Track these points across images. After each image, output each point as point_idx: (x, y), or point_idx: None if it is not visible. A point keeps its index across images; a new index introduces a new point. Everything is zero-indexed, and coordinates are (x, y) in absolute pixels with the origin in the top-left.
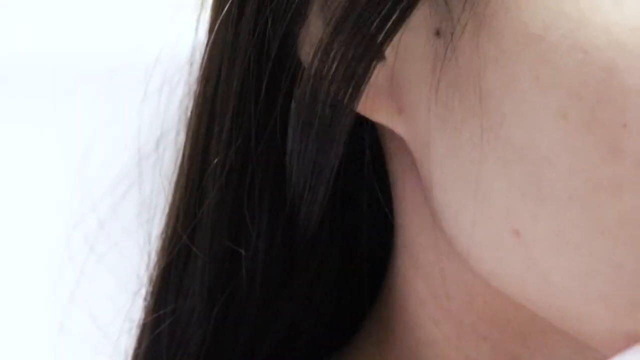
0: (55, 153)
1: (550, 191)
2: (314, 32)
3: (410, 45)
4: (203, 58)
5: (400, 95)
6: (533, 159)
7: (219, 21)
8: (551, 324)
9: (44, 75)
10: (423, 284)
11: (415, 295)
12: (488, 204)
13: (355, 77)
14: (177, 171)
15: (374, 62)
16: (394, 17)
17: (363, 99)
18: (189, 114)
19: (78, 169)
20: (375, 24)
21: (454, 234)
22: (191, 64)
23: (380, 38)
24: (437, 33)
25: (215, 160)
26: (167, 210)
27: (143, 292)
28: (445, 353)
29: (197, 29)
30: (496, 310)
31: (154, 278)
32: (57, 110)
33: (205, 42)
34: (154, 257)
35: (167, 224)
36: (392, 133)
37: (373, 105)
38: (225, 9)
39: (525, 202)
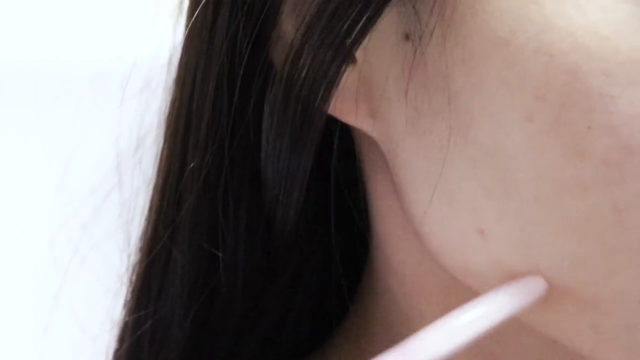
0: (39, 158)
1: (516, 191)
2: (285, 35)
3: (380, 49)
4: (179, 63)
5: (371, 98)
6: (500, 160)
7: (192, 25)
8: (523, 321)
9: (26, 81)
10: (396, 282)
11: (389, 293)
12: (455, 203)
13: (326, 80)
14: (155, 174)
15: (344, 65)
16: (362, 21)
17: (334, 101)
18: (167, 116)
19: (61, 173)
20: (344, 28)
21: (424, 233)
22: (168, 69)
23: (349, 42)
24: (407, 37)
25: (192, 164)
26: (146, 212)
27: (124, 292)
28: None
29: (174, 33)
30: None
31: (134, 279)
32: (40, 116)
33: (181, 46)
34: (133, 259)
35: (147, 226)
36: (364, 135)
37: (344, 107)
38: (199, 13)
39: (491, 201)
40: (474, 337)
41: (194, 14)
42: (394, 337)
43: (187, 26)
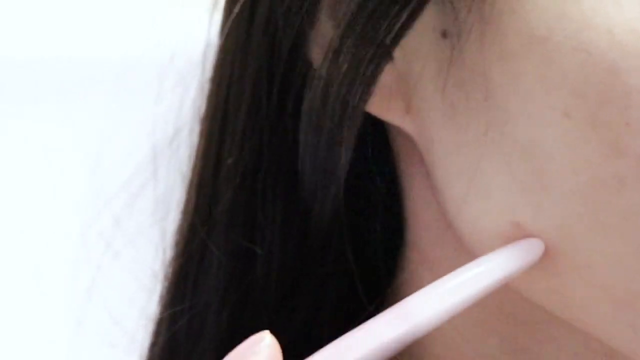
0: (71, 151)
1: (552, 187)
2: (323, 33)
3: (417, 46)
4: (216, 58)
5: (407, 94)
6: (536, 156)
7: (230, 22)
8: (557, 316)
9: (60, 75)
10: (431, 278)
11: None
12: (491, 198)
13: (364, 78)
14: (191, 170)
15: (383, 63)
16: (402, 20)
17: (372, 98)
18: (202, 113)
19: (93, 167)
20: (383, 27)
21: (459, 228)
22: (204, 63)
23: (388, 40)
24: (444, 34)
25: (229, 160)
26: (182, 208)
27: (159, 288)
28: (454, 347)
29: (209, 28)
30: (504, 303)
31: (170, 274)
32: (73, 109)
33: (218, 42)
34: (169, 254)
35: (183, 222)
36: (401, 131)
37: (382, 104)
38: (237, 10)
39: (527, 197)
40: (471, 297)
41: (230, 9)
42: (431, 332)
43: (223, 22)
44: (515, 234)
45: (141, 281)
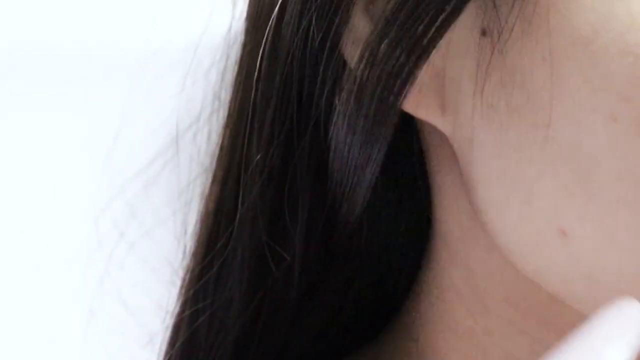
0: (85, 138)
1: (598, 192)
2: (358, 31)
3: (455, 44)
4: (241, 51)
5: (443, 92)
6: (581, 160)
7: (258, 14)
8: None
9: (75, 61)
10: (461, 277)
11: (453, 288)
12: (534, 202)
13: (401, 78)
14: (215, 164)
15: (421, 63)
16: (441, 18)
17: (408, 96)
18: (227, 105)
19: (109, 156)
20: (422, 26)
21: (496, 231)
22: (227, 53)
23: (426, 40)
24: (484, 32)
25: (258, 156)
26: (205, 201)
27: (175, 280)
28: (483, 346)
29: (232, 15)
30: (535, 304)
31: (191, 269)
32: (87, 96)
33: (243, 33)
34: (190, 248)
35: (206, 216)
36: (433, 129)
37: (417, 102)
38: (266, 2)
39: (572, 202)
40: None
41: (258, 3)
42: (457, 330)
43: (251, 13)
44: (560, 240)
45: (157, 272)
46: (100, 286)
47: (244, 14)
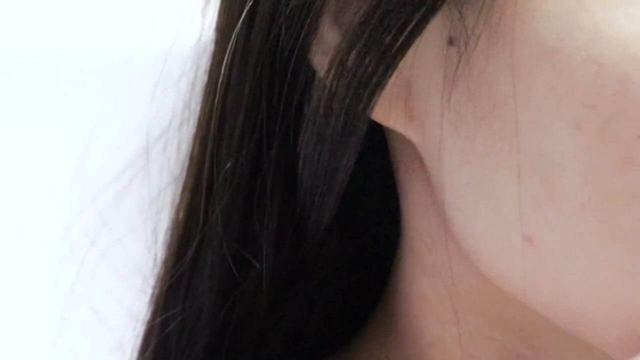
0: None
1: (564, 199)
2: (327, 41)
3: (423, 53)
4: (211, 59)
5: (413, 101)
6: (546, 168)
7: (227, 22)
8: (558, 325)
9: (46, 70)
10: (429, 284)
11: (421, 295)
12: (501, 209)
13: (370, 85)
14: (185, 172)
15: (390, 72)
16: (409, 27)
17: (376, 105)
18: (194, 112)
19: (80, 165)
20: (391, 34)
21: (464, 238)
22: (197, 61)
23: (395, 49)
24: (451, 41)
25: (227, 165)
26: (175, 209)
27: (145, 287)
28: (451, 353)
29: (201, 25)
30: (502, 311)
31: (162, 276)
32: (59, 104)
33: (213, 43)
34: (161, 256)
35: (176, 224)
36: (401, 137)
37: (385, 111)
38: (235, 10)
39: (538, 209)
40: None
41: (228, 11)
42: (425, 338)
43: (220, 21)
44: (527, 248)
45: (128, 280)
46: (71, 293)
47: (214, 25)
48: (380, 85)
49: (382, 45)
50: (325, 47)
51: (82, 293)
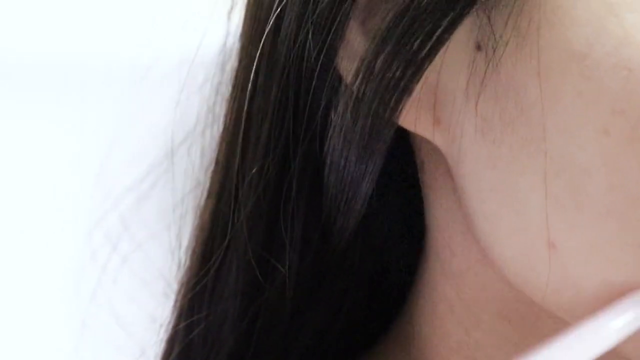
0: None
1: (588, 204)
2: (354, 46)
3: (450, 58)
4: (237, 65)
5: (439, 107)
6: (572, 173)
7: (254, 29)
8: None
9: (70, 73)
10: (453, 290)
11: (446, 301)
12: (525, 214)
13: (398, 91)
14: (209, 178)
15: (417, 78)
16: (438, 33)
17: (403, 111)
18: (222, 119)
19: (103, 169)
20: (418, 41)
21: (488, 243)
22: (223, 66)
23: (423, 53)
24: (478, 47)
25: (253, 170)
26: (199, 215)
27: (168, 292)
28: (466, 353)
29: (227, 29)
30: (527, 317)
31: (186, 282)
32: (82, 107)
33: (239, 48)
34: (185, 261)
35: (201, 230)
36: (427, 143)
37: (411, 117)
38: (262, 16)
39: (562, 214)
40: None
41: (254, 16)
42: (449, 344)
43: (246, 27)
44: (550, 253)
45: (150, 285)
46: (92, 299)
47: (239, 29)
48: (407, 91)
49: (410, 51)
50: (352, 53)
51: (103, 298)
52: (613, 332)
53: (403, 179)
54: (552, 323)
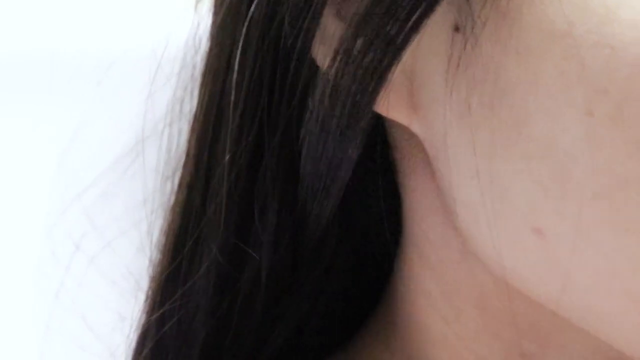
0: (40, 148)
1: (574, 188)
2: (331, 32)
3: (427, 41)
4: (208, 54)
5: (417, 92)
6: (556, 156)
7: (224, 20)
8: (567, 321)
9: (32, 67)
10: (433, 282)
11: (425, 293)
12: (508, 202)
13: (376, 76)
14: (180, 169)
15: (395, 63)
16: (415, 15)
17: (380, 97)
18: (195, 110)
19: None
20: (396, 25)
21: (470, 233)
22: (193, 59)
23: (401, 36)
24: (456, 28)
25: (226, 158)
26: (170, 207)
27: (136, 290)
28: (456, 352)
29: (192, 23)
30: (509, 307)
31: (157, 276)
32: (45, 103)
33: (210, 37)
34: (156, 255)
35: (172, 221)
36: (404, 130)
37: (388, 102)
38: (233, 4)
39: (547, 200)
40: None
41: (222, 4)
42: (429, 336)
43: (216, 14)
44: (536, 240)
45: (117, 284)
46: (56, 300)
47: (209, 20)
48: (385, 75)
49: (387, 34)
50: (329, 38)
51: (67, 299)
52: None
53: (382, 167)
54: (535, 313)
